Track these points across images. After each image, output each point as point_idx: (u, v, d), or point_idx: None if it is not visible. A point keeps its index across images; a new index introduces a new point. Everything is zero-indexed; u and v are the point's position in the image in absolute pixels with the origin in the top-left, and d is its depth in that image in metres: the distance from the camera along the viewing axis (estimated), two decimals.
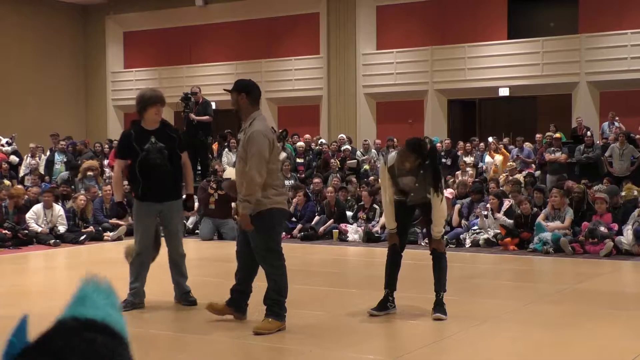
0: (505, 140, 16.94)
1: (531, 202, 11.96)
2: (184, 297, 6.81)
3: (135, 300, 6.62)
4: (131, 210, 6.70)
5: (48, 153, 17.73)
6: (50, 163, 17.25)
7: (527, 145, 16.26)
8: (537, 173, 15.33)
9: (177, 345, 5.50)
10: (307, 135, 18.00)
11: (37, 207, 12.40)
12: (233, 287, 6.13)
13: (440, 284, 6.19)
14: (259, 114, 5.88)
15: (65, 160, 17.19)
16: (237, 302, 6.13)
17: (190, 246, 7.38)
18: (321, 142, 18.28)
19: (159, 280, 6.94)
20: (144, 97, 6.63)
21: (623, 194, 12.36)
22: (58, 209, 12.52)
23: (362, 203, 13.10)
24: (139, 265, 6.64)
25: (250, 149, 5.61)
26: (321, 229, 12.99)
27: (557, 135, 16.10)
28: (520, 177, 14.32)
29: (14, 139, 17.76)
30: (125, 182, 8.05)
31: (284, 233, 13.20)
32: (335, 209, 13.27)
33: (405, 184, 6.19)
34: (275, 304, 5.83)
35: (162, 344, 5.65)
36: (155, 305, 6.80)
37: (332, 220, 13.10)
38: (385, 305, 6.35)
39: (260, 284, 6.24)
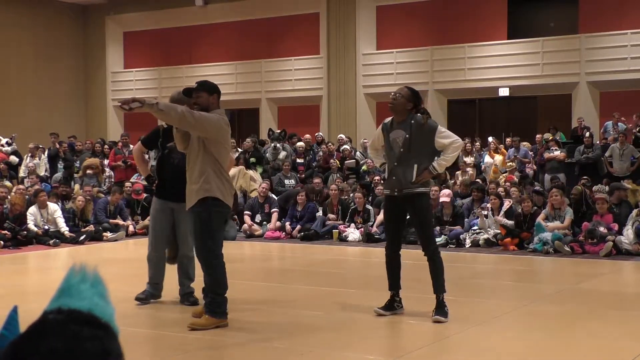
0: (508, 140, 16.94)
1: (532, 200, 11.97)
2: (186, 297, 6.83)
3: (155, 292, 6.81)
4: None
5: (46, 152, 17.67)
6: (53, 162, 17.26)
7: (525, 145, 16.27)
8: (531, 173, 15.35)
9: (178, 346, 5.49)
10: (307, 135, 18.01)
11: (33, 208, 12.44)
12: (204, 288, 6.15)
13: (438, 286, 6.12)
14: (222, 111, 6.01)
15: (64, 159, 17.20)
16: None
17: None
18: (323, 139, 18.36)
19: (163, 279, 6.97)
20: (174, 98, 6.69)
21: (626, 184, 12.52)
22: (53, 207, 12.53)
23: (355, 206, 13.06)
24: (157, 260, 6.80)
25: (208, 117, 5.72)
26: (330, 222, 13.00)
27: (550, 137, 16.09)
28: (516, 176, 14.40)
29: (14, 139, 17.75)
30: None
31: (283, 233, 13.25)
32: (338, 208, 13.25)
33: (394, 140, 6.12)
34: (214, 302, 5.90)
35: (163, 344, 5.65)
36: (157, 305, 6.81)
37: (335, 217, 13.10)
38: (392, 306, 6.33)
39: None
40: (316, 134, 18.66)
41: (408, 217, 6.43)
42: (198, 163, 5.79)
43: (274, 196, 14.23)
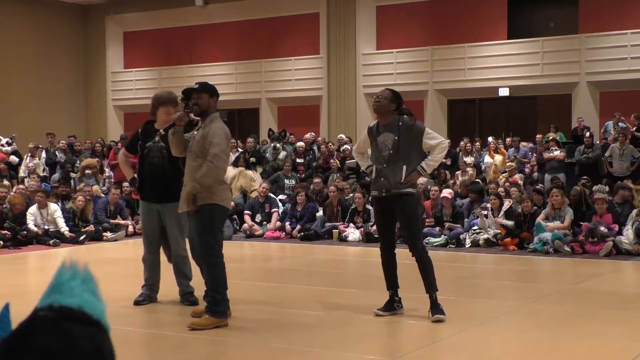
0: (508, 140, 16.95)
1: (532, 200, 11.98)
2: (186, 297, 6.83)
3: (152, 294, 6.87)
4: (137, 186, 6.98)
5: (44, 153, 17.65)
6: (52, 162, 17.26)
7: (523, 145, 16.25)
8: (535, 175, 15.34)
9: (177, 345, 5.49)
10: (307, 135, 18.00)
11: (33, 208, 12.44)
12: (206, 291, 6.15)
13: (430, 285, 6.12)
14: (217, 115, 6.07)
15: (65, 159, 17.20)
16: None
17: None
18: (324, 139, 18.34)
19: (162, 280, 6.96)
20: (157, 97, 6.91)
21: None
22: (53, 207, 12.52)
23: (354, 206, 13.06)
24: (151, 261, 6.87)
25: (215, 140, 5.79)
26: (328, 224, 13.05)
27: (551, 137, 16.10)
28: (518, 177, 14.39)
29: (14, 139, 17.75)
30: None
31: (283, 233, 13.24)
32: (338, 209, 13.25)
33: (382, 142, 6.16)
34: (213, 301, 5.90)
35: (162, 344, 5.65)
36: (157, 305, 6.81)
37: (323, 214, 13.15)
38: (392, 306, 6.34)
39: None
40: (309, 133, 18.60)
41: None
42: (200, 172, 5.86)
43: (274, 196, 14.23)
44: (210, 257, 5.87)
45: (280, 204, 13.94)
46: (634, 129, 16.26)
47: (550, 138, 15.83)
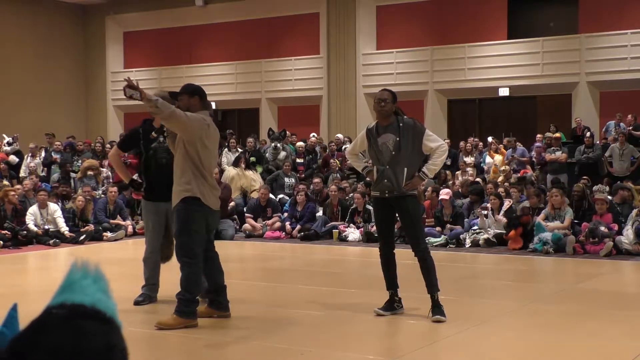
0: (505, 141, 16.94)
1: (538, 196, 12.04)
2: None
3: (152, 294, 6.88)
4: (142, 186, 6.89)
5: (44, 153, 17.66)
6: (49, 163, 17.26)
7: (519, 145, 16.26)
8: (536, 173, 15.33)
9: (177, 345, 5.50)
10: (313, 140, 17.97)
11: (33, 208, 12.45)
12: (206, 290, 6.20)
13: (432, 285, 6.13)
14: (206, 114, 6.03)
15: (61, 159, 17.20)
16: (217, 302, 6.22)
17: None
18: (322, 141, 18.32)
19: (161, 280, 6.96)
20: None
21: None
22: (53, 207, 12.53)
23: (354, 206, 13.06)
24: (153, 261, 6.86)
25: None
26: (333, 222, 13.05)
27: (557, 135, 16.10)
28: (514, 178, 14.43)
29: (16, 139, 17.76)
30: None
31: (283, 233, 13.24)
32: (338, 208, 13.25)
33: (383, 143, 6.17)
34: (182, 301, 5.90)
35: (162, 344, 5.65)
36: (157, 304, 6.81)
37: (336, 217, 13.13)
38: (392, 306, 6.34)
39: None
40: (312, 135, 18.57)
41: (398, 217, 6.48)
42: (180, 164, 5.86)
43: (275, 199, 14.23)
44: (185, 256, 5.85)
45: (281, 210, 13.90)
46: (630, 128, 16.27)
47: (555, 136, 15.79)
